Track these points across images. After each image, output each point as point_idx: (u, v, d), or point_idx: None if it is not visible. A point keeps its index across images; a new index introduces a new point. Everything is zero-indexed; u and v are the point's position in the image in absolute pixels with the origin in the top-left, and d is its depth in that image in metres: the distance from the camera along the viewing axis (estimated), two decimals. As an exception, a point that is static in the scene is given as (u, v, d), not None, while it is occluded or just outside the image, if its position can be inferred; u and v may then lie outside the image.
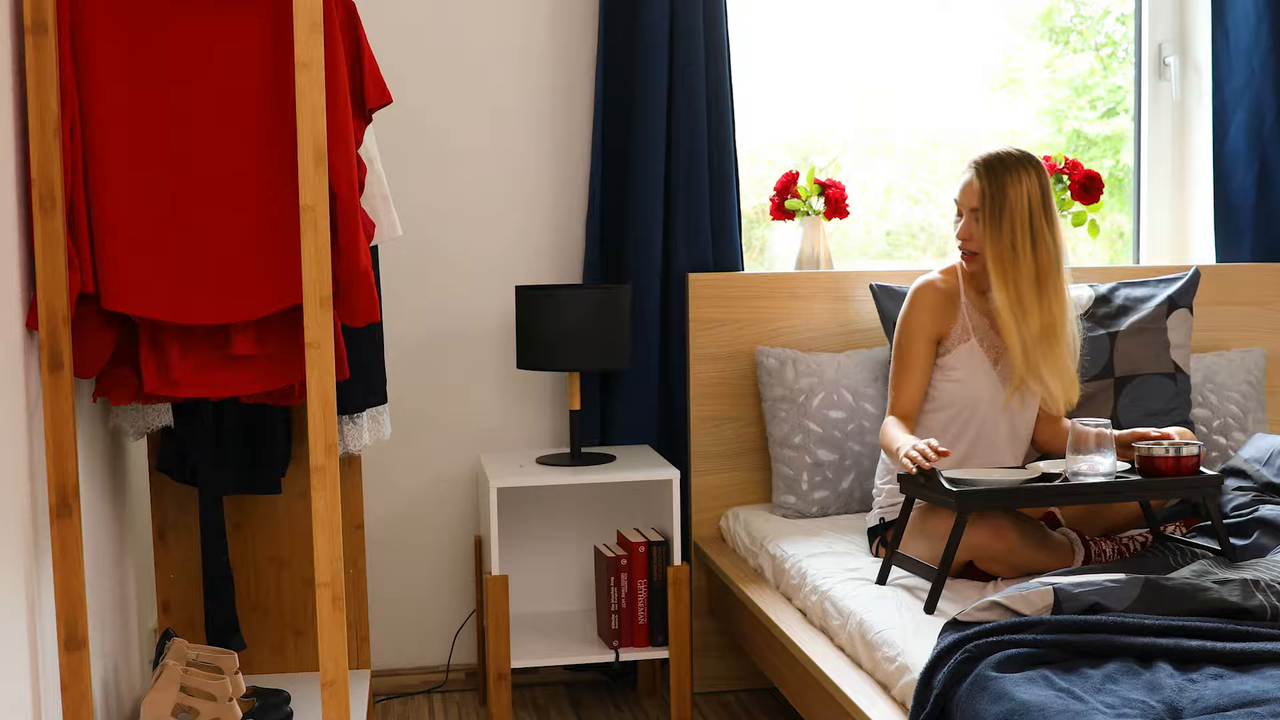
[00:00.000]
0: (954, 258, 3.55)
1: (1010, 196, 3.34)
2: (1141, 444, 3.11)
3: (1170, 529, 3.35)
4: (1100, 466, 3.01)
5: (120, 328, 2.65)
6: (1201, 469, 3.05)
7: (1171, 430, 3.28)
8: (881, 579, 3.20)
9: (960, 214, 3.44)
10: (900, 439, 3.24)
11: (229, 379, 2.70)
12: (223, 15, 2.55)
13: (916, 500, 3.40)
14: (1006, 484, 3.03)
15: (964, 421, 3.45)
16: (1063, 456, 3.48)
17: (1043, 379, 3.37)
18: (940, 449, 3.05)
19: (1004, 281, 3.35)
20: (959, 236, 3.45)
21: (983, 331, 3.46)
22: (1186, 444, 3.07)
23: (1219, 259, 4.42)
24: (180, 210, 2.56)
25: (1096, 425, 3.04)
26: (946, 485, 2.98)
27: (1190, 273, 4.11)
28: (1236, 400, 4.07)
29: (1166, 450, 3.05)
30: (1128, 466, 3.12)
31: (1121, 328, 3.94)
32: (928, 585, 3.12)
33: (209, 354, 2.67)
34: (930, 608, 2.95)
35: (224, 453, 3.28)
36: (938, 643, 2.58)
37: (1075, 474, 3.02)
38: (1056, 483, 3.04)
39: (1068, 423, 3.49)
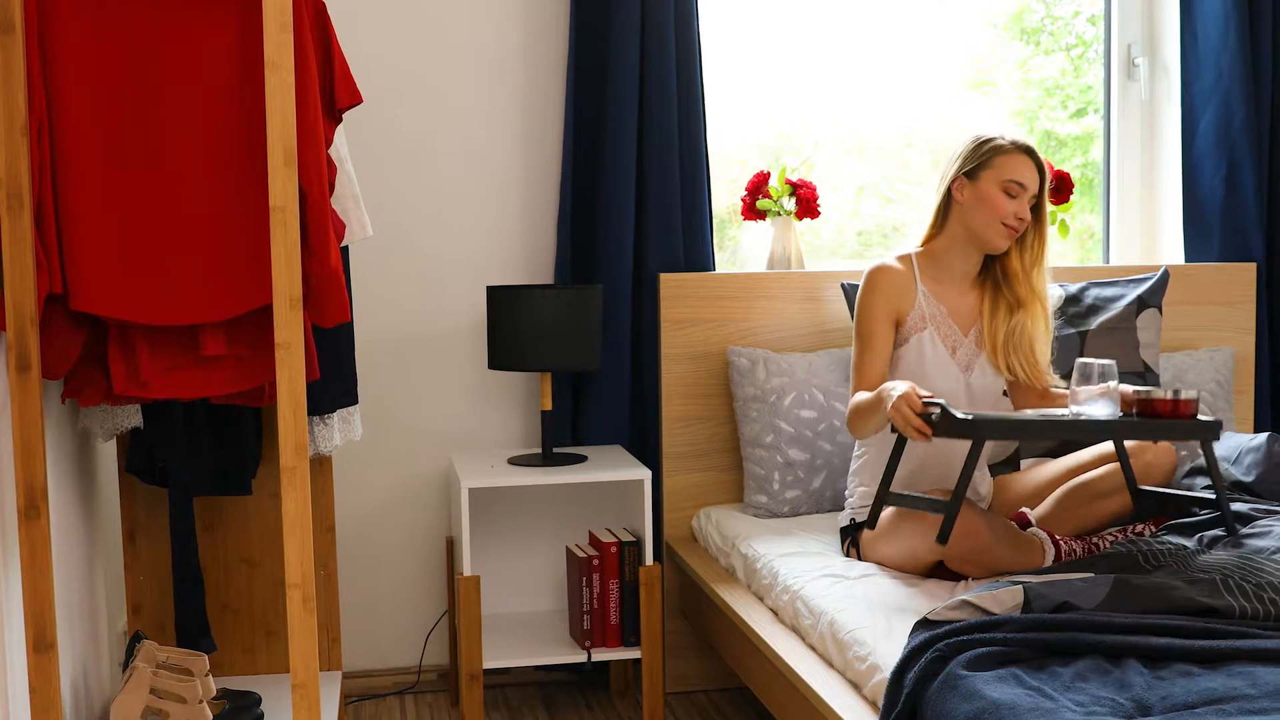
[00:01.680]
0: (906, 248, 3.56)
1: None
2: (1140, 388, 3.08)
3: (1139, 529, 3.37)
4: (1101, 410, 2.99)
5: (89, 328, 2.63)
6: (1200, 416, 3.02)
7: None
8: (871, 523, 3.18)
9: (1011, 194, 3.40)
10: (883, 388, 3.17)
11: (199, 380, 2.68)
12: (192, 15, 2.54)
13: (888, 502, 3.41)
14: (1021, 416, 3.00)
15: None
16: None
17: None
18: (923, 394, 3.05)
19: (1046, 262, 3.49)
20: (1019, 217, 3.42)
21: (939, 320, 3.46)
22: (1185, 389, 3.05)
23: (1187, 258, 4.44)
24: (149, 210, 2.55)
25: (1101, 364, 3.01)
26: (959, 416, 2.90)
27: (1160, 273, 4.13)
28: (1205, 399, 4.09)
29: (1166, 394, 3.02)
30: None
31: (1091, 327, 3.96)
32: (899, 584, 3.14)
33: (178, 355, 2.66)
34: (944, 537, 2.90)
35: (194, 454, 3.27)
36: (908, 642, 2.59)
37: (1079, 414, 3.00)
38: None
39: (1057, 386, 3.50)
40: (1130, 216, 4.64)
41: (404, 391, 4.13)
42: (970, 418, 2.89)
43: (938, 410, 2.97)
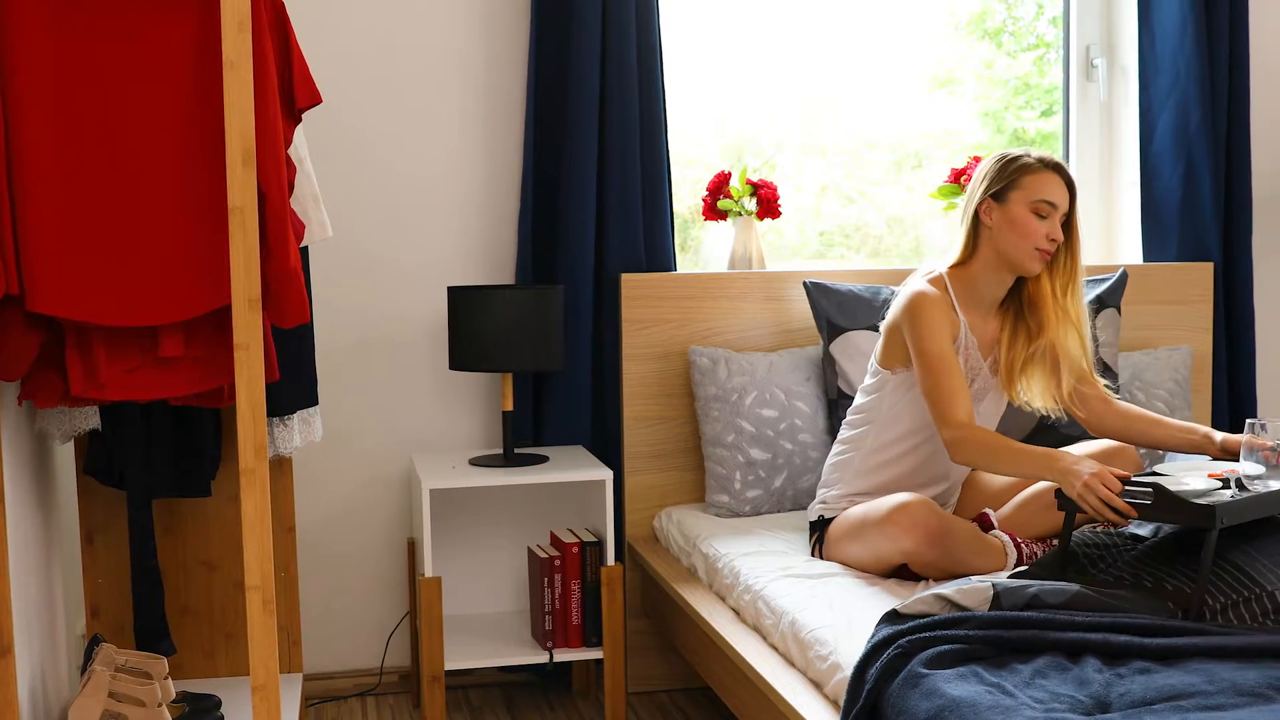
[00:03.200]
0: (928, 264, 3.49)
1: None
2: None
3: (1098, 527, 3.38)
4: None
5: (46, 329, 2.62)
6: None
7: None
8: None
9: (1041, 214, 3.28)
10: (1056, 455, 3.04)
11: (157, 381, 2.67)
12: (150, 14, 2.53)
13: (854, 507, 3.42)
14: (1256, 493, 2.82)
15: (920, 441, 3.41)
16: (1125, 439, 3.45)
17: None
18: (1117, 471, 2.91)
19: (1080, 282, 3.39)
20: (1052, 239, 3.30)
21: (970, 350, 3.38)
22: None
23: (1146, 258, 4.47)
24: (107, 211, 2.53)
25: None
26: (1190, 500, 2.72)
27: (1118, 273, 4.16)
28: (1164, 398, 4.12)
29: None
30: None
31: (1051, 327, 3.98)
32: (861, 584, 3.15)
33: (136, 356, 2.65)
34: (1196, 614, 2.66)
35: (152, 455, 3.25)
36: (872, 634, 2.60)
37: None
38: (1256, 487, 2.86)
39: (1124, 404, 3.43)
40: (1089, 216, 4.66)
41: (364, 392, 4.12)
42: (1208, 505, 2.68)
43: (1149, 490, 2.77)
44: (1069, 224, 3.35)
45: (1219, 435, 3.28)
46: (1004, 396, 3.45)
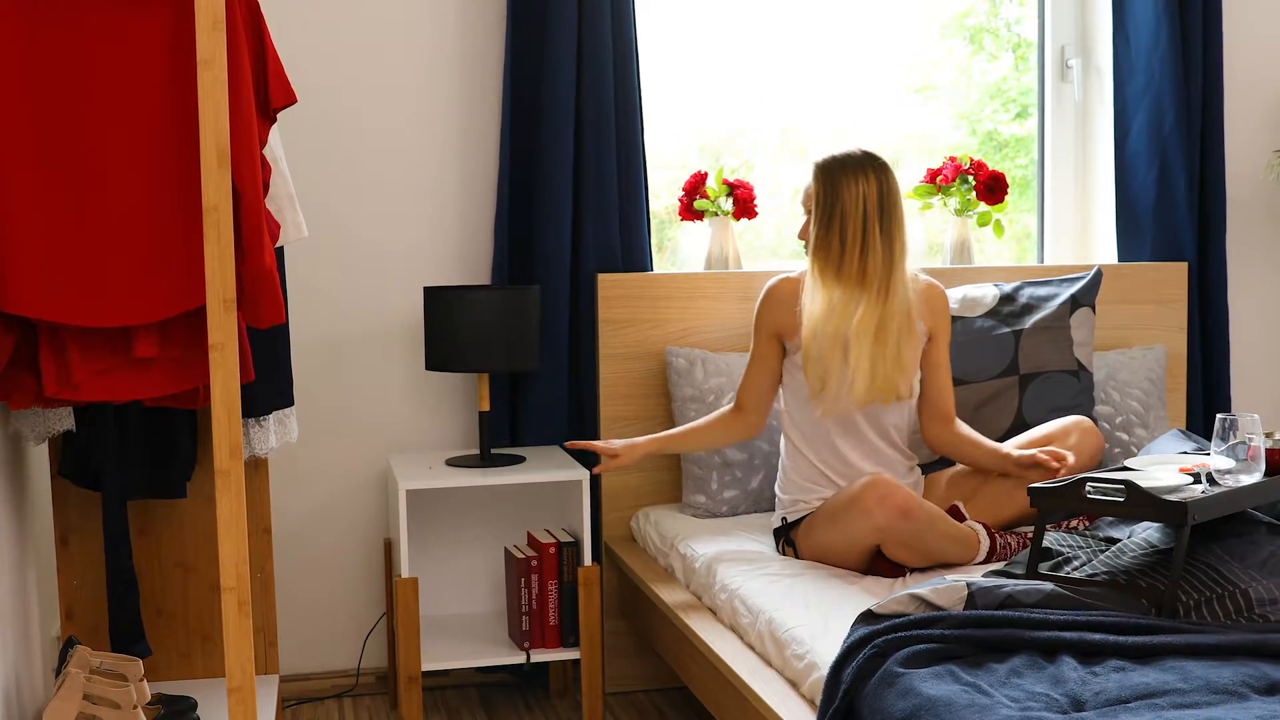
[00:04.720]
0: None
1: (844, 199, 3.43)
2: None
3: (1075, 524, 3.40)
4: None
5: (19, 330, 2.60)
6: None
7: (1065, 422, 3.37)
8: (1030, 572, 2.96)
9: (807, 213, 3.54)
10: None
11: (131, 382, 2.66)
12: (124, 12, 2.52)
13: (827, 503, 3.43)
14: (1227, 489, 2.84)
15: (821, 408, 3.50)
16: (957, 462, 3.63)
17: (844, 375, 3.41)
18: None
19: (823, 279, 3.44)
20: (799, 236, 3.58)
21: None
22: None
23: (1120, 258, 4.48)
24: (81, 210, 2.52)
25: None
26: (1162, 498, 2.74)
27: (1093, 272, 4.17)
28: (1138, 397, 4.13)
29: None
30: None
31: (1025, 326, 3.99)
32: (838, 582, 3.17)
33: (111, 357, 2.63)
34: (1171, 611, 2.69)
35: (127, 457, 3.24)
36: (848, 635, 2.60)
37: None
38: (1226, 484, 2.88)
39: (965, 429, 3.54)
40: (1064, 216, 4.68)
41: (341, 393, 4.11)
42: (1179, 501, 2.71)
43: (1120, 486, 2.79)
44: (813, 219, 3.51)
45: (1016, 453, 3.47)
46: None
